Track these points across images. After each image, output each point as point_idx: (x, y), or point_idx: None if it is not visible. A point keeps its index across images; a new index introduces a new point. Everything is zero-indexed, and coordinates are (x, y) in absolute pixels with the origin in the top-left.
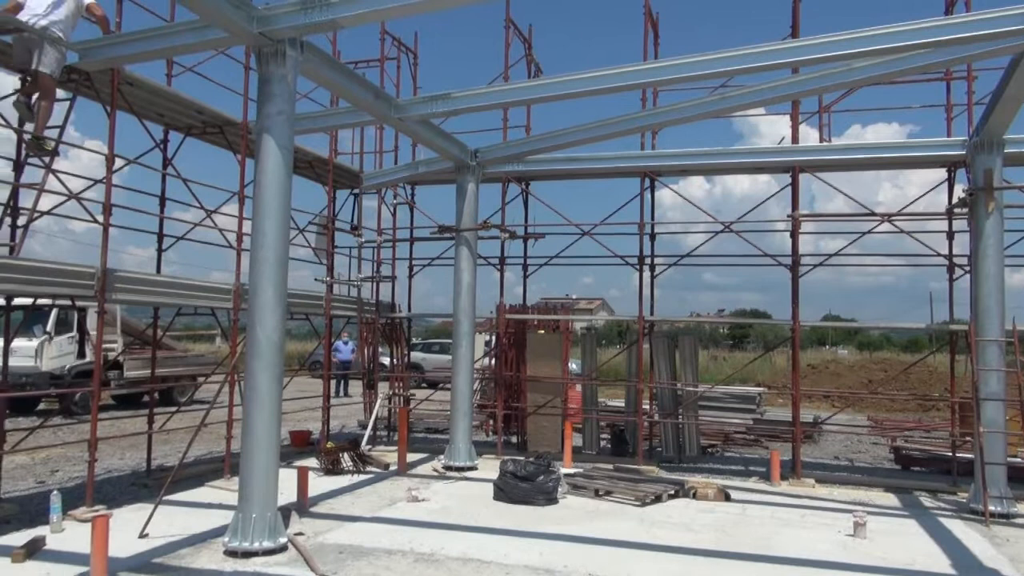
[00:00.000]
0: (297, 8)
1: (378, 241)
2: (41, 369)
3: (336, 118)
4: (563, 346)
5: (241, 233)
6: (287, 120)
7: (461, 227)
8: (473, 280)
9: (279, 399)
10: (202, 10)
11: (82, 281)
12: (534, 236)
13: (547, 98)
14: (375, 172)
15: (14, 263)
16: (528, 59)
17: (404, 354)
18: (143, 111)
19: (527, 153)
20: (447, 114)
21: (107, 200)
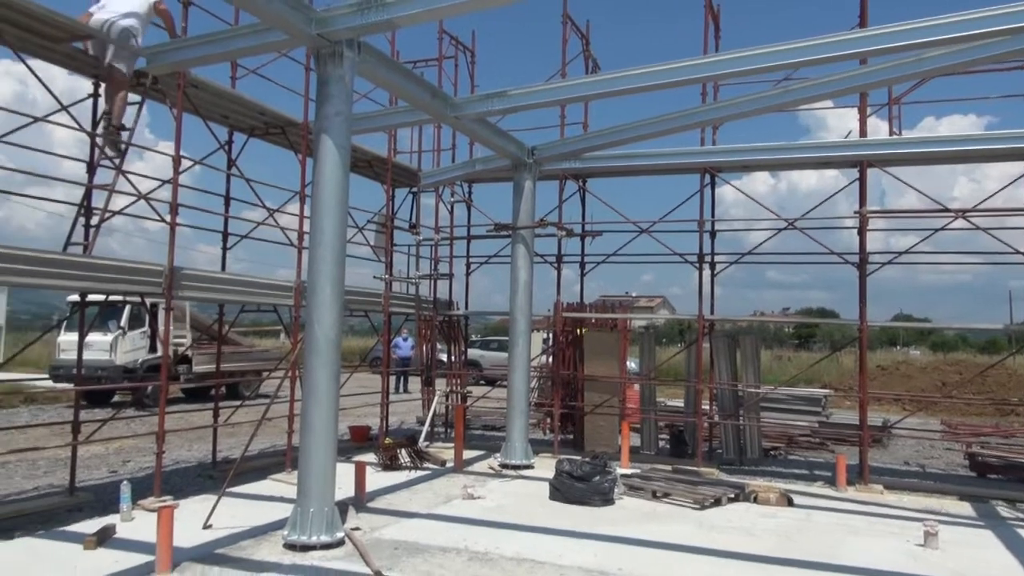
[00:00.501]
0: (354, 9)
1: (436, 239)
2: (115, 363)
3: (394, 117)
4: (621, 345)
5: (302, 231)
6: (345, 120)
7: (518, 225)
8: (530, 278)
9: (336, 395)
10: (262, 13)
11: (151, 279)
12: (592, 234)
13: (605, 94)
14: (433, 171)
15: (87, 261)
16: (586, 55)
17: (462, 351)
18: (208, 113)
19: (584, 150)
20: (504, 112)
21: (174, 200)
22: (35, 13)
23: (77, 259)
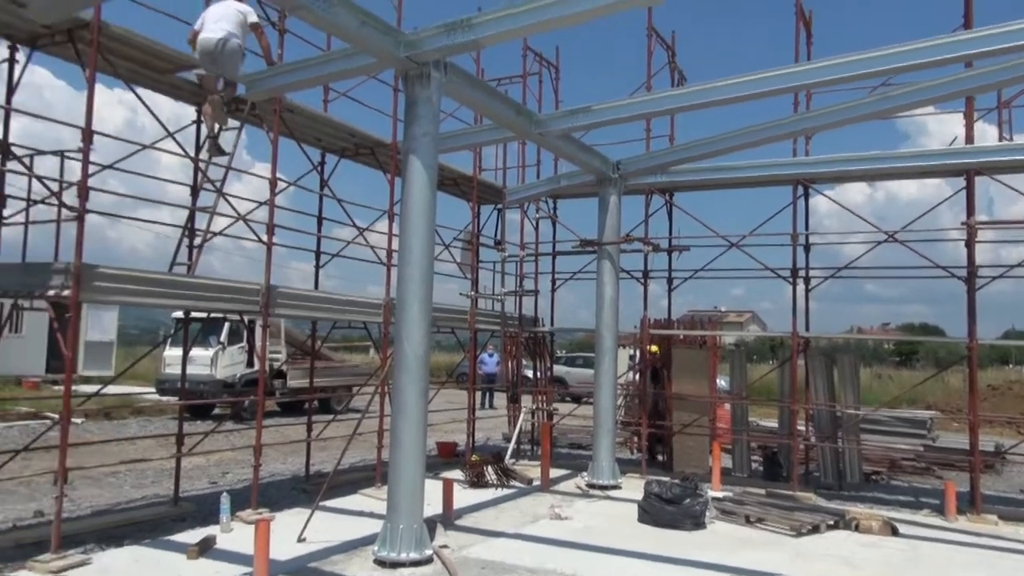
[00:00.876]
0: (441, 31)
1: (521, 255)
2: (216, 377)
3: (479, 136)
4: (711, 362)
5: (391, 249)
6: (432, 141)
7: (603, 241)
8: (616, 294)
9: (425, 411)
10: (354, 39)
11: (249, 297)
12: (679, 249)
13: (692, 107)
14: (518, 187)
15: (191, 281)
16: (671, 66)
17: (547, 368)
18: (302, 136)
19: (671, 164)
20: (588, 127)
21: (270, 221)
22: (145, 47)
23: (182, 279)
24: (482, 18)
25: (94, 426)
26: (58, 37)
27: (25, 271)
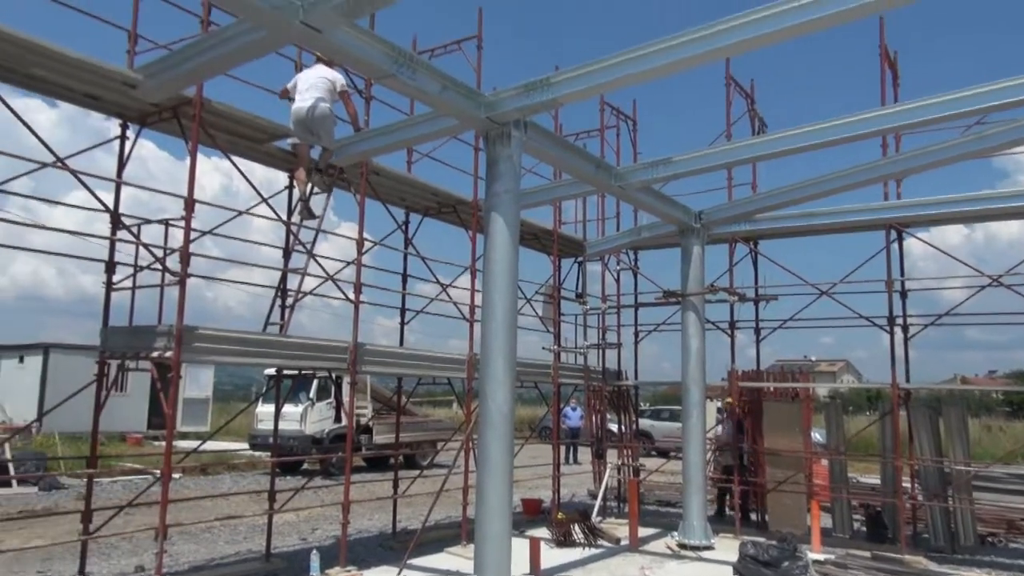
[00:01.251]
0: (520, 91)
1: (603, 308)
2: (305, 432)
3: (559, 190)
4: (804, 416)
5: (473, 305)
6: (513, 198)
7: (687, 292)
8: (702, 346)
9: (510, 468)
10: (437, 103)
11: (337, 355)
12: (766, 298)
13: (774, 155)
14: (598, 240)
15: (283, 340)
16: (751, 114)
17: (632, 421)
18: (387, 197)
19: (754, 212)
20: (668, 179)
21: (357, 280)
22: (243, 119)
23: (274, 339)
24: (559, 77)
25: (191, 481)
26: (164, 114)
27: (132, 334)
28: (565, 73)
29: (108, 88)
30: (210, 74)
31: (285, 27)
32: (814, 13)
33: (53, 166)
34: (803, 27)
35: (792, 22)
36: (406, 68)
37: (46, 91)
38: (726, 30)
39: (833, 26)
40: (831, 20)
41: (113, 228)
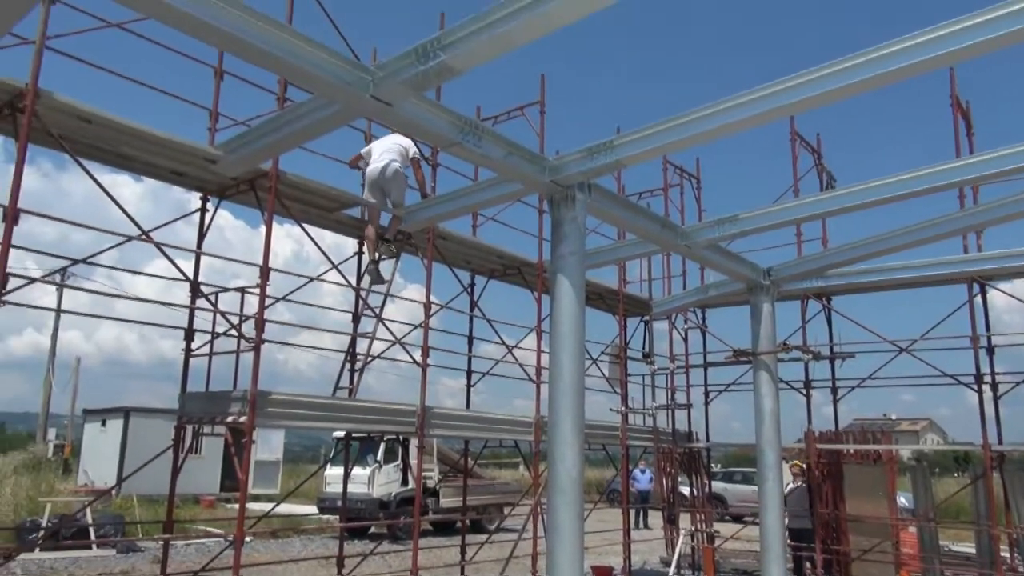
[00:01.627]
0: (584, 155)
1: (671, 368)
2: (372, 496)
3: (624, 250)
4: (888, 480)
5: (539, 367)
6: (579, 260)
7: (758, 351)
8: (776, 406)
9: (581, 535)
10: (502, 169)
11: (405, 419)
12: (842, 356)
13: (844, 210)
14: (664, 299)
15: (352, 404)
16: (819, 168)
17: (705, 484)
18: (453, 260)
19: (825, 268)
20: (735, 236)
21: (424, 343)
22: (316, 190)
23: (344, 403)
24: (622, 139)
25: (260, 545)
26: (242, 186)
27: (208, 399)
28: (628, 135)
29: (191, 164)
30: (286, 148)
31: (356, 101)
32: (883, 68)
33: (138, 239)
34: (872, 82)
35: (860, 77)
36: (472, 136)
37: (134, 168)
38: (792, 87)
39: (903, 80)
40: (900, 74)
41: (193, 297)
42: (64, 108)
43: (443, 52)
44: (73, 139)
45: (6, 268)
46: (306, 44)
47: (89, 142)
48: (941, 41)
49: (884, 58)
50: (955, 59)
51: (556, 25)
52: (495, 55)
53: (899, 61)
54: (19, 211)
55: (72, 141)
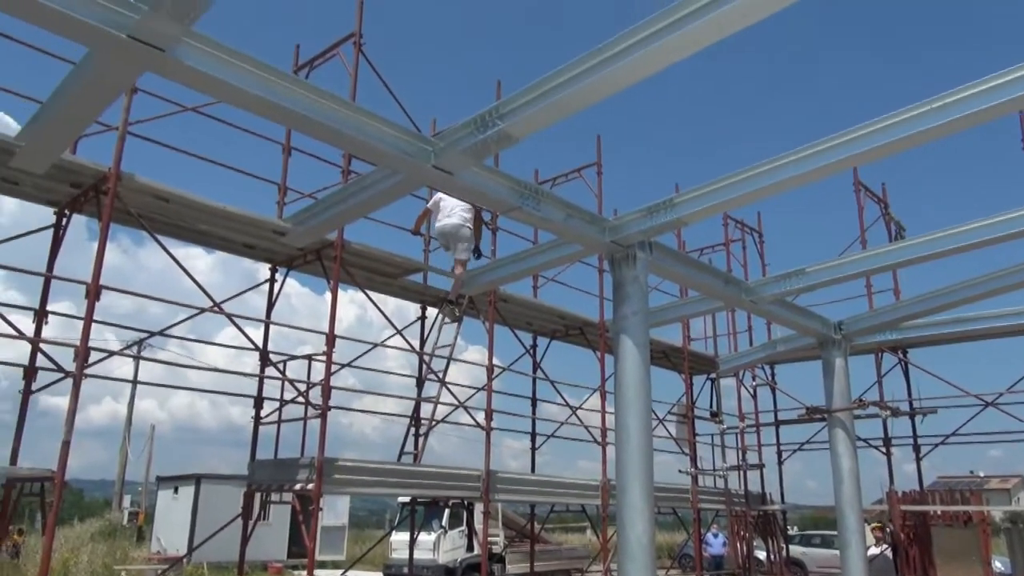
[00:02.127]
0: (643, 214)
1: (741, 427)
2: (438, 562)
3: (688, 307)
4: (982, 543)
5: (604, 428)
6: (642, 319)
7: (832, 408)
8: (855, 466)
9: None
10: (561, 231)
11: (470, 484)
12: (923, 412)
13: (915, 260)
14: (730, 355)
15: (417, 470)
16: (886, 218)
17: (781, 549)
18: (514, 322)
19: (899, 320)
20: (802, 291)
21: (488, 407)
22: (380, 257)
23: (409, 468)
24: (682, 197)
25: None
26: (309, 256)
27: (276, 467)
28: (688, 193)
29: (262, 237)
30: (352, 219)
31: (419, 172)
32: (948, 116)
33: (210, 311)
34: (938, 131)
35: (926, 126)
36: (531, 200)
37: (208, 243)
38: (855, 139)
39: (970, 127)
40: (966, 122)
41: (262, 366)
42: (144, 189)
43: (501, 120)
44: (152, 217)
45: (88, 342)
46: (370, 119)
47: (167, 220)
48: (1010, 86)
49: (948, 107)
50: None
51: (611, 91)
52: (552, 122)
53: (965, 109)
54: (101, 287)
55: (151, 219)
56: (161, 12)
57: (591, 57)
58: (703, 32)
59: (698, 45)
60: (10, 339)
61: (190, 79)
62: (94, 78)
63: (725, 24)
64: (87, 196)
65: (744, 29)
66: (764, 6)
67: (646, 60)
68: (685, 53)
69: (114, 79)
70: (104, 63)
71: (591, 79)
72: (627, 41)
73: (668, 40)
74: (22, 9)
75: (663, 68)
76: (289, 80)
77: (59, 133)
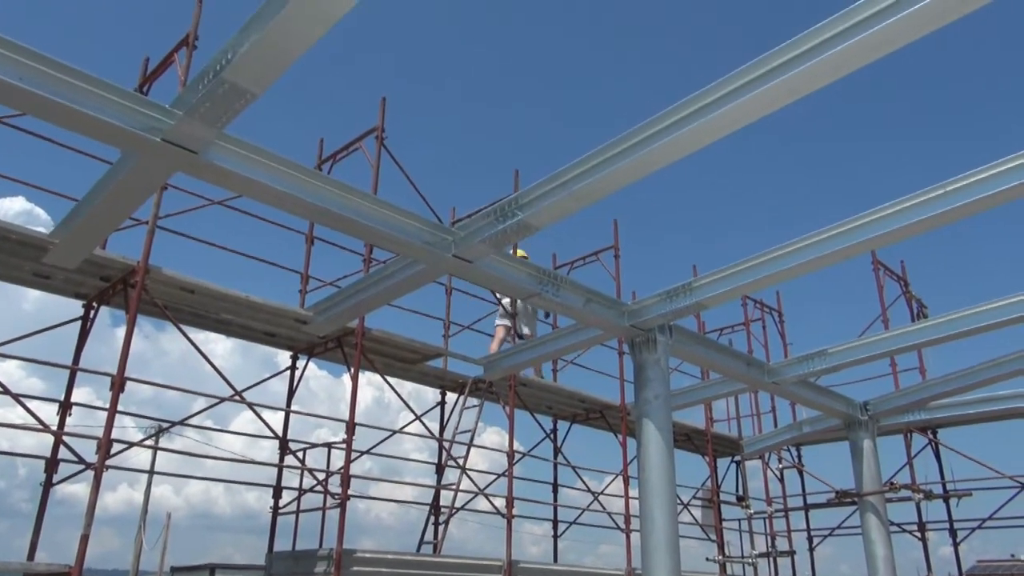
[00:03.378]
0: (663, 298)
1: (768, 511)
2: None
3: (710, 390)
4: None
5: (628, 515)
6: (664, 403)
7: (863, 491)
8: (890, 553)
9: None
10: (581, 316)
11: (492, 574)
12: (958, 495)
13: (939, 340)
14: (755, 437)
15: (437, 561)
16: (907, 296)
17: None
18: (534, 406)
19: (927, 400)
20: (825, 372)
21: (509, 495)
22: (401, 344)
23: (429, 559)
24: (701, 281)
25: None
26: (330, 344)
27: (294, 559)
28: (707, 277)
29: (283, 326)
30: (373, 308)
31: (439, 261)
32: (962, 199)
33: (231, 399)
34: (952, 214)
35: (942, 209)
36: (550, 286)
37: (230, 332)
38: (872, 222)
39: (992, 208)
40: (982, 205)
41: (281, 455)
42: (170, 281)
43: (521, 211)
44: (176, 307)
45: (111, 435)
46: (391, 212)
47: (191, 309)
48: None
49: (962, 190)
50: None
51: (630, 180)
52: (572, 211)
53: (985, 190)
54: (126, 379)
55: (175, 310)
56: (195, 117)
57: (610, 148)
58: (718, 124)
59: (711, 137)
60: (34, 431)
61: (221, 179)
62: (128, 179)
63: (740, 117)
64: (115, 289)
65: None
66: (777, 99)
67: (663, 151)
68: (699, 145)
69: (148, 180)
70: (139, 166)
71: (608, 170)
72: (644, 133)
73: (681, 133)
74: (59, 116)
75: (679, 159)
76: (313, 176)
77: (92, 231)
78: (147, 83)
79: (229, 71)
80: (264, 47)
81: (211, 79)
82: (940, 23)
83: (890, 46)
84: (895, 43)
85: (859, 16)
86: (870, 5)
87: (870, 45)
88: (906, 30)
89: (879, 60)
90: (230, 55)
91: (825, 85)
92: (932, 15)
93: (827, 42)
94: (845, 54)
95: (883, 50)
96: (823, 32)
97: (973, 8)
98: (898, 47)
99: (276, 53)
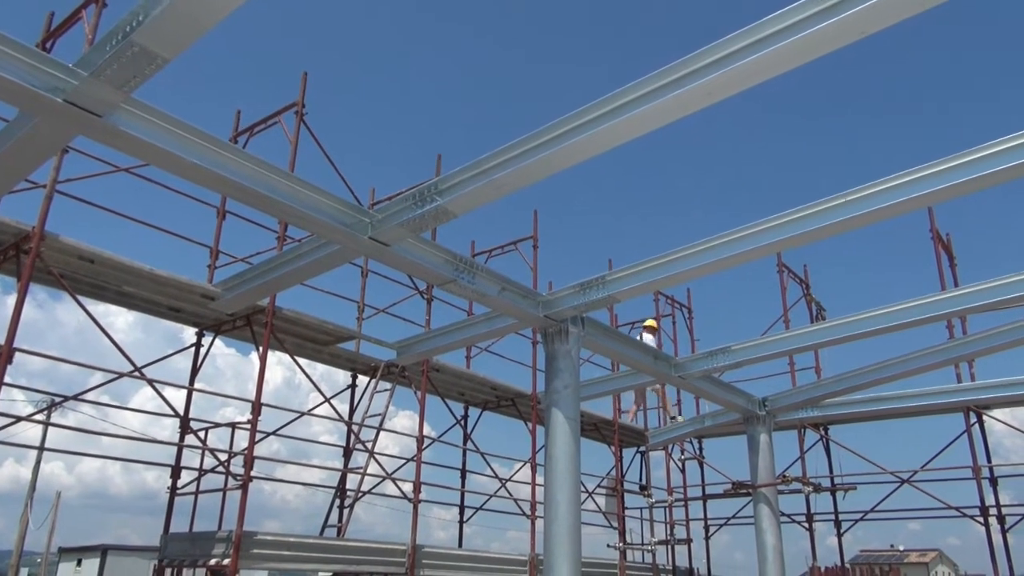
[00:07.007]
0: (576, 290)
1: (669, 501)
2: None
3: (619, 382)
4: None
5: (534, 501)
6: (573, 392)
7: (757, 483)
8: (779, 542)
9: None
10: (496, 305)
11: (396, 559)
12: (843, 488)
13: (834, 342)
14: (660, 429)
15: (341, 544)
16: (807, 299)
17: None
18: (446, 392)
19: (821, 398)
20: (728, 368)
21: (416, 480)
22: (313, 324)
23: (332, 543)
24: (615, 275)
25: None
26: (238, 322)
27: (191, 541)
28: (620, 271)
29: (189, 301)
30: (284, 287)
31: (355, 242)
32: (861, 209)
33: (130, 375)
34: (851, 222)
35: (840, 218)
36: (466, 274)
37: (133, 305)
38: (777, 227)
39: (882, 220)
40: (879, 215)
41: (182, 434)
42: (68, 249)
43: (440, 197)
44: (74, 278)
45: None
46: (307, 189)
47: (91, 280)
48: (919, 183)
49: (862, 200)
50: (929, 201)
51: (550, 172)
52: (491, 199)
53: (878, 203)
54: (14, 350)
55: (73, 280)
56: (100, 79)
57: (531, 139)
58: (633, 124)
59: (630, 135)
60: None
61: (125, 145)
62: (25, 140)
63: (653, 118)
64: (7, 254)
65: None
66: (690, 104)
67: (583, 145)
68: (618, 141)
69: (47, 142)
70: (38, 126)
71: (528, 161)
72: (565, 126)
73: (599, 130)
74: None
75: (596, 155)
76: (225, 148)
77: None
78: (50, 39)
79: (139, 33)
80: (178, 11)
81: (120, 40)
82: (833, 47)
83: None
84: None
85: (761, 33)
86: (765, 27)
87: (781, 56)
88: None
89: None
90: (141, 16)
91: (740, 91)
92: (825, 38)
93: (738, 52)
94: (759, 63)
95: (787, 66)
96: (736, 42)
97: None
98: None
99: (191, 18)
